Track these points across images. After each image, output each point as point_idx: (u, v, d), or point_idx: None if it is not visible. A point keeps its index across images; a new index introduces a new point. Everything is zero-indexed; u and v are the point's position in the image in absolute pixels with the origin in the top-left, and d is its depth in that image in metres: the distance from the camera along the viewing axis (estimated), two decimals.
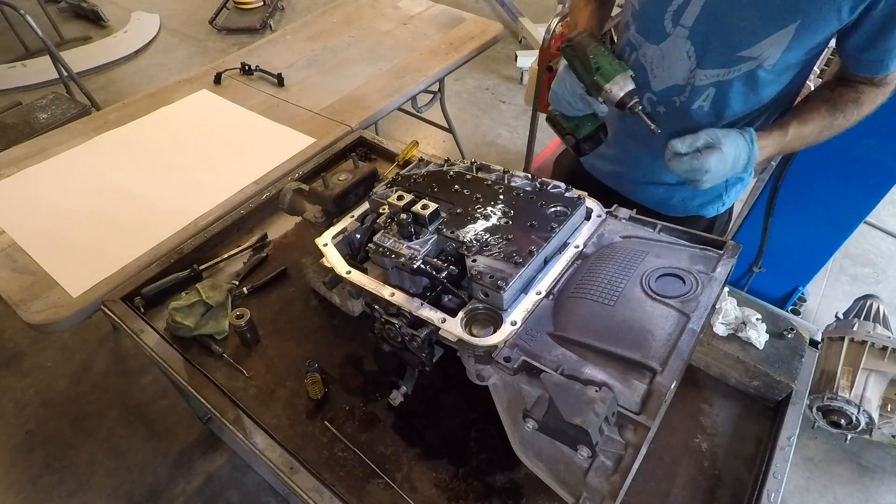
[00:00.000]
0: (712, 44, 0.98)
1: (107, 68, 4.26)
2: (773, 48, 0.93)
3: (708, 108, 1.05)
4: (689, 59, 1.01)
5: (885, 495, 1.98)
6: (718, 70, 1.00)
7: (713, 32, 0.96)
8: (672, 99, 1.08)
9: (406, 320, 0.87)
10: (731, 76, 0.99)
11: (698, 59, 1.00)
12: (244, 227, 1.48)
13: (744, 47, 0.95)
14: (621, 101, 1.00)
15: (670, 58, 1.03)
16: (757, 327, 1.08)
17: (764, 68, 0.96)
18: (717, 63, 0.99)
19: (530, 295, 0.87)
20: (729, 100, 1.03)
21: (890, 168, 1.73)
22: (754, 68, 0.97)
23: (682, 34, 0.99)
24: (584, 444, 0.69)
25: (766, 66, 0.96)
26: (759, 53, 0.94)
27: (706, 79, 1.02)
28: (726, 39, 0.95)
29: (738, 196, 1.32)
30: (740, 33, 0.94)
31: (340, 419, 1.05)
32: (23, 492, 1.96)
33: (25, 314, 1.27)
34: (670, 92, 1.07)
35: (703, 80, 1.02)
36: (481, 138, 3.65)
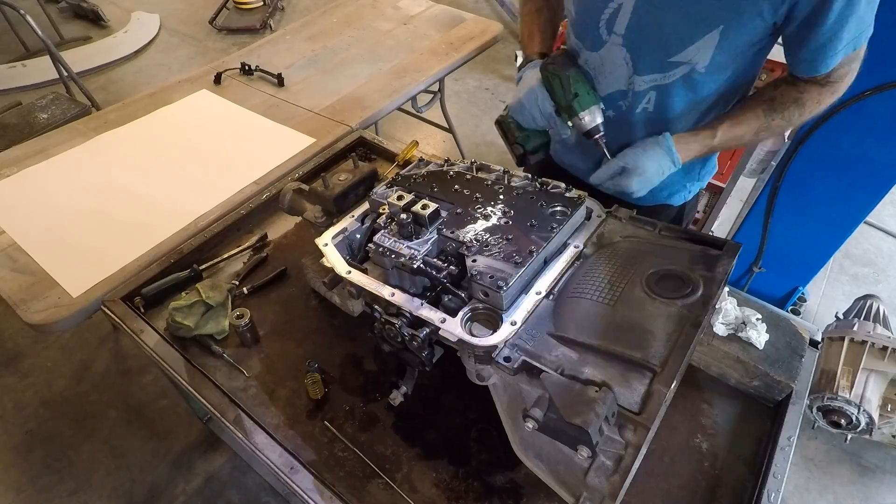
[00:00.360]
0: (644, 50, 1.00)
1: (107, 68, 4.26)
2: (703, 52, 0.94)
3: (652, 111, 1.07)
4: (627, 66, 1.03)
5: (885, 495, 1.98)
6: (655, 75, 1.01)
7: (644, 39, 0.98)
8: (618, 104, 1.09)
9: (406, 320, 0.87)
10: (669, 80, 1.01)
11: (635, 66, 1.02)
12: (244, 227, 1.48)
13: (674, 53, 0.96)
14: (589, 131, 1.04)
15: (609, 64, 1.05)
16: (757, 327, 1.08)
17: (698, 71, 0.98)
18: (653, 68, 1.01)
19: (530, 295, 0.87)
20: (670, 103, 1.04)
21: (890, 168, 1.73)
22: (689, 72, 0.98)
23: (616, 41, 1.01)
24: (584, 444, 0.69)
25: (700, 69, 0.97)
26: (690, 58, 0.96)
27: (645, 84, 1.03)
28: (657, 46, 0.97)
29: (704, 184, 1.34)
30: (669, 39, 0.96)
31: (340, 419, 1.05)
32: (23, 491, 1.96)
33: (25, 314, 1.27)
34: (615, 97, 1.09)
35: (642, 85, 1.04)
36: (481, 138, 3.65)
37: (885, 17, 1.48)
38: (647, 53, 0.99)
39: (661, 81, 1.02)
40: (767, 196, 1.99)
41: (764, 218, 2.05)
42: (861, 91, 1.61)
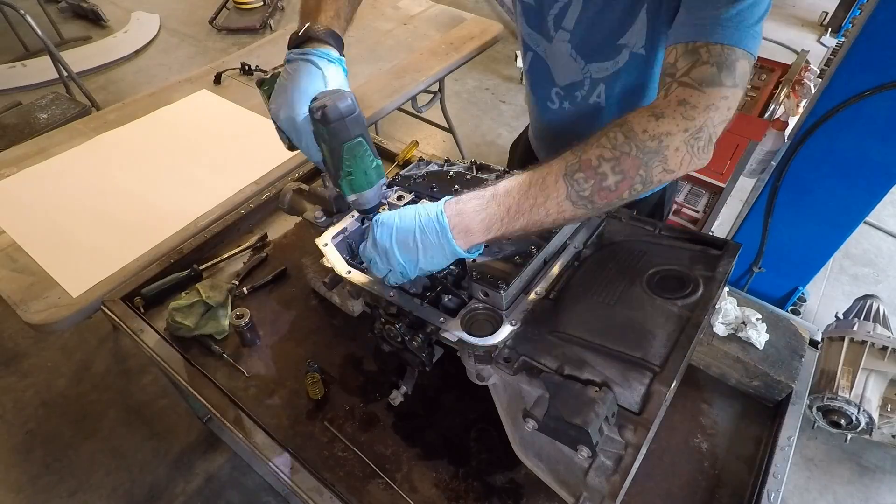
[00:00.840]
0: (593, 42, 0.98)
1: (107, 68, 4.26)
2: (637, 35, 0.94)
3: (605, 103, 1.06)
4: (576, 61, 1.03)
5: (885, 495, 1.98)
6: (606, 62, 1.00)
7: (590, 32, 0.98)
8: (574, 94, 1.09)
9: (406, 320, 0.87)
10: (615, 69, 1.00)
11: (584, 58, 1.01)
12: (244, 227, 1.48)
13: (613, 42, 0.96)
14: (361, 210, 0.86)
15: (561, 58, 1.04)
16: (757, 327, 1.08)
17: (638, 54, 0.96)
18: (601, 57, 1.00)
19: (530, 295, 0.87)
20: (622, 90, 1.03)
21: (890, 168, 1.73)
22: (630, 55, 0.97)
23: (563, 38, 1.00)
24: (584, 444, 0.69)
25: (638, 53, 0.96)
26: (628, 41, 0.95)
27: (600, 72, 1.02)
28: (602, 36, 0.97)
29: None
30: (611, 28, 0.95)
31: (340, 419, 1.05)
32: (23, 491, 1.96)
33: (25, 314, 1.27)
34: (572, 88, 1.08)
35: (598, 73, 1.02)
36: (481, 138, 3.65)
37: (885, 17, 1.49)
38: (595, 44, 0.99)
39: (610, 70, 1.00)
40: (767, 196, 1.99)
41: (764, 218, 2.05)
42: (861, 91, 1.61)
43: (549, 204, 0.72)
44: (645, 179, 0.72)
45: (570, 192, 0.72)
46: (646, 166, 0.71)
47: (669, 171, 0.73)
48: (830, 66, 1.66)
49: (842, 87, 1.64)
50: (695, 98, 0.71)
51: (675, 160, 0.72)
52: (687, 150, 0.72)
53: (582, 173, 0.72)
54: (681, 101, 0.72)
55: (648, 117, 0.72)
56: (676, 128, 0.71)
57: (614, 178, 0.71)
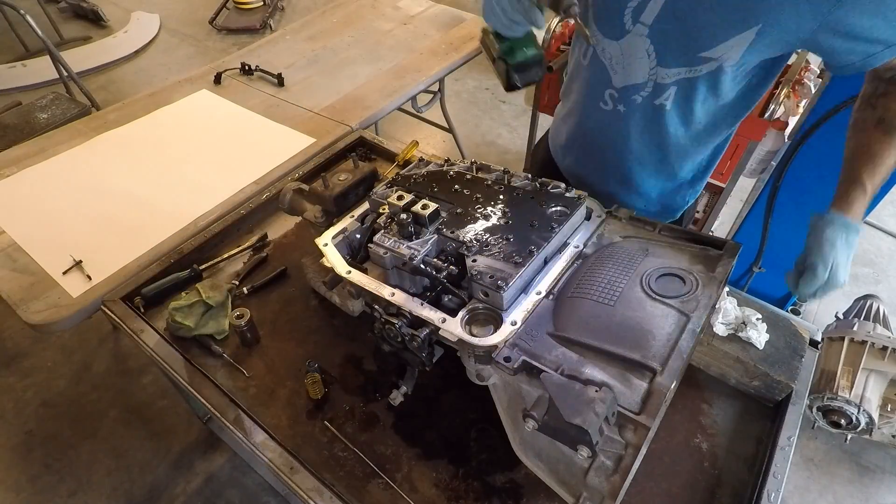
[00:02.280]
0: (672, 43, 0.95)
1: (107, 68, 4.26)
2: (734, 51, 0.90)
3: (670, 107, 1.03)
4: (649, 58, 0.99)
5: (885, 495, 1.98)
6: (681, 69, 0.97)
7: (673, 32, 0.94)
8: (633, 97, 1.06)
9: (406, 320, 0.87)
10: (694, 75, 0.97)
11: (658, 58, 0.98)
12: (244, 227, 1.48)
13: (705, 48, 0.92)
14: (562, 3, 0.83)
15: (629, 55, 1.00)
16: (757, 327, 1.08)
17: (724, 70, 0.94)
18: (679, 62, 0.97)
19: (530, 295, 0.87)
20: (692, 100, 1.01)
21: None
22: (715, 69, 0.94)
23: (641, 31, 0.96)
24: (584, 444, 0.69)
25: (726, 69, 0.94)
26: (720, 55, 0.92)
27: (668, 77, 0.99)
28: (687, 40, 0.93)
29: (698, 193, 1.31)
30: (701, 34, 0.91)
31: (340, 419, 1.05)
32: (23, 491, 1.96)
33: (25, 314, 1.27)
34: (629, 91, 1.05)
35: (665, 78, 1.00)
36: (481, 138, 3.65)
37: None
38: (674, 46, 0.95)
39: (687, 75, 0.97)
40: (767, 196, 1.99)
41: (764, 218, 2.05)
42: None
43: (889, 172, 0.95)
44: None
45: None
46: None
47: None
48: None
49: (842, 87, 1.64)
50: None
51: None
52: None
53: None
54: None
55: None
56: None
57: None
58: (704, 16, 0.89)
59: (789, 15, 0.83)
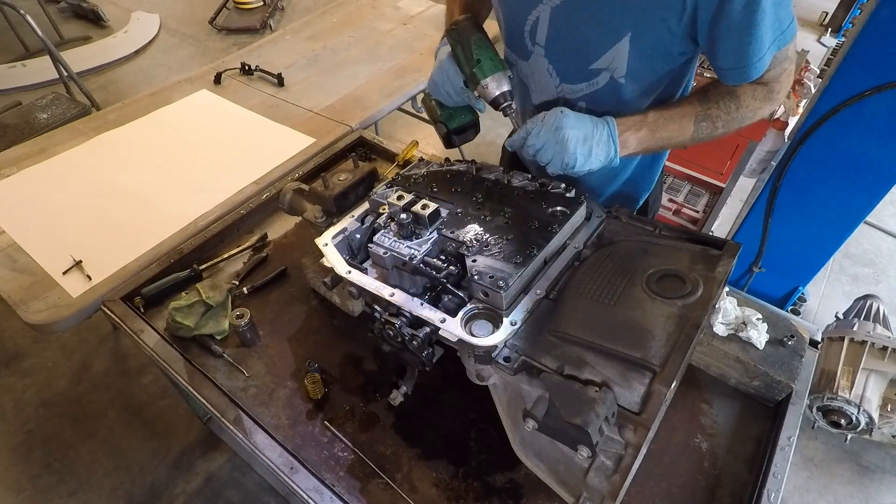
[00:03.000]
0: (566, 60, 1.00)
1: (107, 68, 4.26)
2: (618, 60, 0.95)
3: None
4: (552, 77, 1.04)
5: (885, 495, 1.98)
6: (581, 84, 1.02)
7: (563, 49, 0.99)
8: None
9: (406, 320, 0.87)
10: (595, 88, 1.01)
11: (560, 76, 1.03)
12: (244, 227, 1.48)
13: (593, 60, 0.97)
14: (495, 99, 0.99)
15: (538, 74, 1.06)
16: (758, 327, 1.07)
17: (617, 79, 0.98)
18: (577, 77, 1.01)
19: (530, 295, 0.87)
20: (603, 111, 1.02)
21: (890, 168, 1.73)
22: (609, 80, 0.99)
23: (539, 52, 1.02)
24: (584, 444, 0.69)
25: (619, 77, 0.97)
26: (608, 65, 0.96)
27: (574, 93, 1.04)
28: (576, 55, 0.98)
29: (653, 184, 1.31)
30: (585, 48, 0.96)
31: (340, 419, 1.05)
32: (23, 491, 1.96)
33: (25, 314, 1.27)
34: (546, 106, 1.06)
35: (572, 94, 1.04)
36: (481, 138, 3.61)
37: (884, 18, 1.49)
38: (568, 63, 1.00)
39: (588, 90, 1.02)
40: (767, 196, 1.99)
41: (764, 218, 2.05)
42: (861, 91, 1.61)
43: (678, 136, 0.98)
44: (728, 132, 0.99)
45: (694, 132, 0.98)
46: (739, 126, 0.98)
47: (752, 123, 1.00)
48: (830, 66, 1.66)
49: (842, 87, 1.64)
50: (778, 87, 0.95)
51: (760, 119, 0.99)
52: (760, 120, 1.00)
53: (705, 122, 0.97)
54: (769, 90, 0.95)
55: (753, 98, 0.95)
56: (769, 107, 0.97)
57: (721, 130, 0.98)
58: (583, 31, 0.95)
59: (653, 23, 0.88)
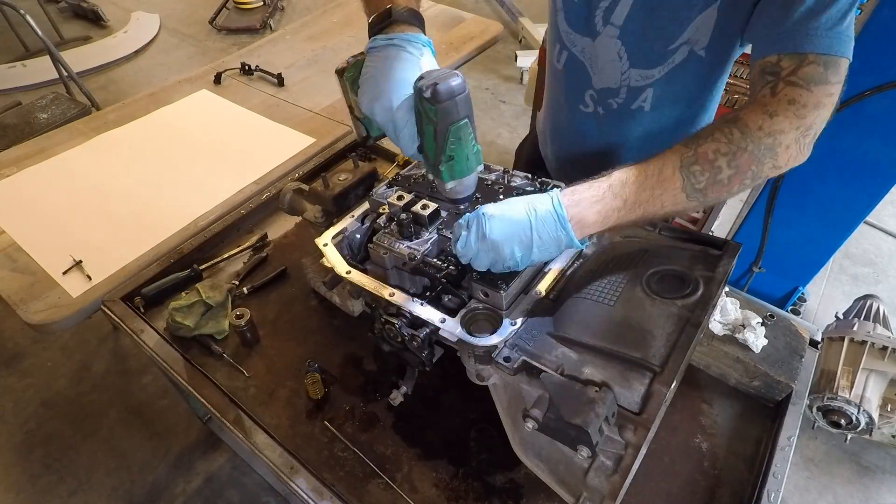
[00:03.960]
0: (643, 41, 0.93)
1: (107, 68, 4.26)
2: (702, 31, 0.88)
3: (648, 110, 1.02)
4: (621, 61, 0.96)
5: (885, 495, 1.98)
6: (654, 69, 0.96)
7: (643, 30, 0.92)
8: (608, 101, 1.04)
9: (406, 320, 0.87)
10: (670, 68, 0.95)
11: (631, 60, 0.96)
12: (244, 227, 1.48)
13: (675, 38, 0.91)
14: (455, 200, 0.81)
15: (602, 58, 0.98)
16: (756, 330, 1.07)
17: (698, 53, 0.91)
18: (651, 61, 0.95)
19: (530, 295, 0.87)
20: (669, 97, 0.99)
21: (890, 168, 1.73)
22: (688, 54, 0.92)
23: (612, 33, 0.94)
24: (584, 444, 0.69)
25: (699, 51, 0.91)
26: (689, 38, 0.90)
27: (642, 80, 0.97)
28: (657, 34, 0.92)
29: None
30: (670, 25, 0.90)
31: (340, 419, 1.05)
32: (23, 491, 1.96)
33: (25, 314, 1.27)
34: (605, 94, 1.03)
35: (639, 80, 0.98)
36: (481, 138, 3.64)
37: (885, 17, 1.49)
38: (645, 44, 0.94)
39: (660, 74, 0.96)
40: (767, 196, 1.99)
41: (764, 218, 2.05)
42: (861, 91, 1.61)
43: (665, 196, 0.74)
44: (755, 175, 0.74)
45: (686, 185, 0.74)
46: (758, 162, 0.73)
47: (777, 168, 0.75)
48: None
49: None
50: (804, 97, 0.72)
51: (784, 157, 0.74)
52: (796, 147, 0.74)
53: (698, 166, 0.73)
54: (791, 101, 0.72)
55: (763, 115, 0.73)
56: (789, 125, 0.72)
57: (728, 172, 0.73)
58: (667, 4, 0.88)
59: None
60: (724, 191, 0.75)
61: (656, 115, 1.04)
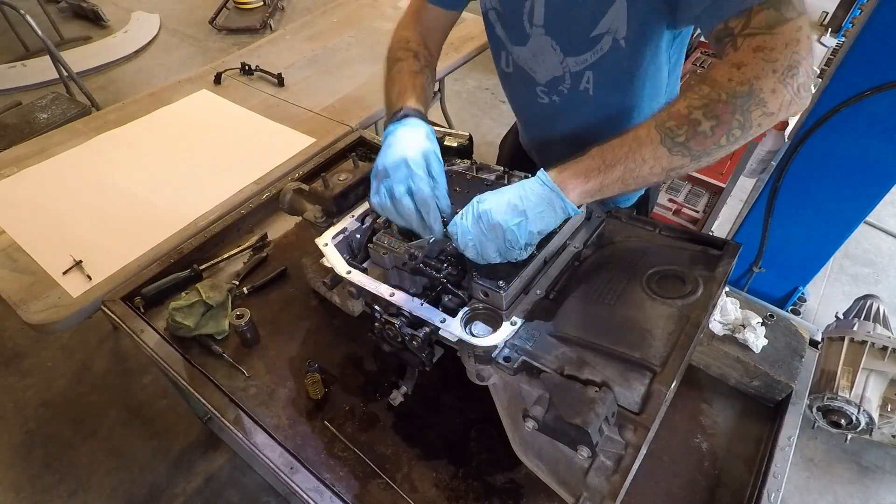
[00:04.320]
0: (567, 33, 0.98)
1: (107, 68, 4.26)
2: (617, 21, 0.91)
3: (593, 91, 1.06)
4: (556, 52, 1.02)
5: (885, 495, 1.98)
6: (585, 55, 1.00)
7: (562, 22, 0.97)
8: (559, 89, 1.09)
9: (406, 320, 0.87)
10: (600, 54, 0.98)
11: (563, 49, 1.01)
12: (244, 227, 1.48)
13: (593, 26, 0.94)
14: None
15: (540, 54, 1.05)
16: (756, 330, 1.07)
17: (620, 43, 0.94)
18: (581, 48, 0.99)
19: (530, 295, 0.87)
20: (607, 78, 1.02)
21: (890, 168, 1.73)
22: (612, 43, 0.95)
23: (539, 32, 1.01)
24: (584, 444, 0.69)
25: (621, 41, 0.94)
26: (608, 27, 0.93)
27: (579, 65, 1.02)
28: (576, 26, 0.96)
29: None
30: (584, 16, 0.94)
31: (340, 419, 1.05)
32: (23, 491, 1.96)
33: (25, 314, 1.27)
34: (554, 83, 1.08)
35: (577, 66, 1.02)
36: (481, 138, 3.65)
37: (885, 17, 1.49)
38: (569, 35, 0.99)
39: (592, 59, 1.00)
40: (767, 196, 1.99)
41: (764, 218, 2.05)
42: (861, 91, 1.61)
43: (644, 151, 0.75)
44: (744, 124, 0.72)
45: (665, 139, 0.74)
46: (742, 110, 0.71)
47: (770, 114, 0.72)
48: (830, 66, 1.66)
49: (842, 87, 1.64)
50: (769, 41, 0.70)
51: (774, 102, 0.71)
52: (786, 90, 0.70)
53: (673, 121, 0.74)
54: (756, 48, 0.70)
55: (730, 68, 0.71)
56: (763, 71, 0.70)
57: (708, 124, 0.72)
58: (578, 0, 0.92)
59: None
60: (709, 142, 0.73)
61: (601, 99, 1.07)
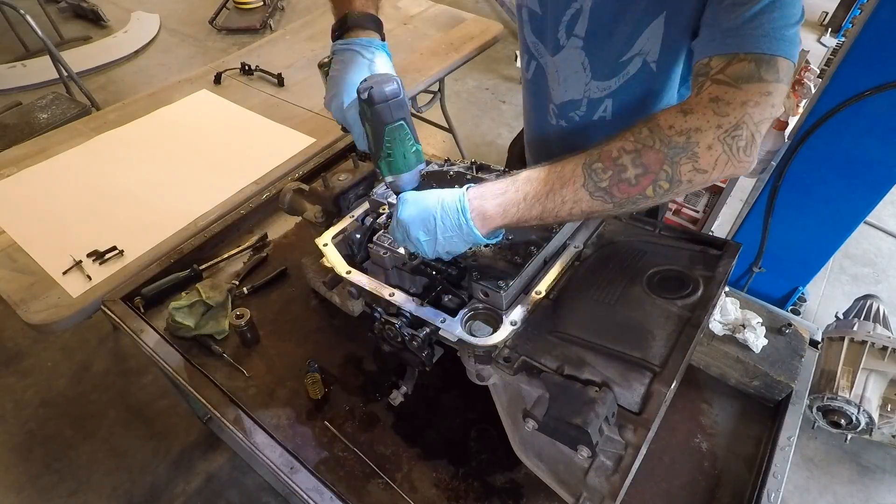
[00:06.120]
0: (601, 51, 0.96)
1: (107, 68, 4.26)
2: (652, 42, 0.90)
3: (610, 119, 1.03)
4: (585, 72, 0.98)
5: (885, 495, 1.98)
6: (611, 80, 0.98)
7: (601, 40, 0.94)
8: (570, 115, 1.06)
9: (406, 320, 0.87)
10: (626, 79, 0.97)
11: (593, 71, 0.98)
12: (244, 227, 1.48)
13: (627, 48, 0.92)
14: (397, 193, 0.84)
15: (566, 70, 1.00)
16: (756, 330, 1.07)
17: (649, 65, 0.93)
18: (608, 71, 0.97)
19: (530, 295, 0.87)
20: (629, 104, 1.00)
21: (890, 168, 1.73)
22: (641, 65, 0.93)
23: (576, 44, 0.96)
24: (584, 444, 0.69)
25: (651, 62, 0.93)
26: (641, 48, 0.91)
27: (601, 91, 1.00)
28: (611, 45, 0.94)
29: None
30: (622, 35, 0.92)
31: (340, 419, 1.05)
32: (23, 491, 1.96)
33: (25, 314, 1.27)
34: (567, 107, 1.05)
35: (598, 92, 1.00)
36: (481, 138, 3.65)
37: (885, 17, 1.49)
38: (602, 55, 0.96)
39: (616, 84, 0.98)
40: (767, 196, 1.99)
41: (764, 218, 2.05)
42: (861, 91, 1.61)
43: (565, 192, 0.72)
44: (671, 177, 0.69)
45: (588, 182, 0.71)
46: (671, 162, 0.68)
47: (701, 171, 0.69)
48: (830, 66, 1.66)
49: (842, 87, 1.64)
50: (729, 95, 0.68)
51: (707, 159, 0.68)
52: (724, 148, 0.68)
53: (600, 163, 0.71)
54: (713, 99, 0.69)
55: (676, 114, 0.69)
56: (707, 124, 0.67)
57: (634, 171, 0.69)
58: (622, 14, 0.89)
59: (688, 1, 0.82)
60: (633, 191, 0.70)
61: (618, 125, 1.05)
